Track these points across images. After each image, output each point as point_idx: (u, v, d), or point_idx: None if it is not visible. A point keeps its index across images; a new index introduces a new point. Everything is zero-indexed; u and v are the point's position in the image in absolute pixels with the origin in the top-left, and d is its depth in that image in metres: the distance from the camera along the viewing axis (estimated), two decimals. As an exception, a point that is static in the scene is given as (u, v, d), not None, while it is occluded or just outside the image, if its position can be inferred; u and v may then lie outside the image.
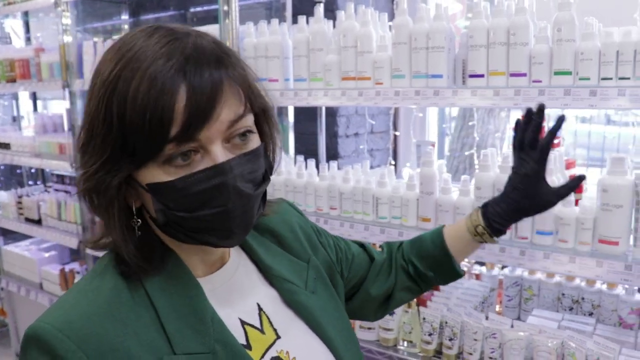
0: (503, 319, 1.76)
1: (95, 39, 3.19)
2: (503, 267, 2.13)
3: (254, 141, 0.77)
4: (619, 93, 1.37)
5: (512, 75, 1.56)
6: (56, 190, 3.47)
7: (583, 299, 1.92)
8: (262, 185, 0.79)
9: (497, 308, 2.12)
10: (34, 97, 4.25)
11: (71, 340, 0.68)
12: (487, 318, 1.78)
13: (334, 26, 1.99)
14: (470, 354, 1.77)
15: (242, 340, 0.81)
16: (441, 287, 2.07)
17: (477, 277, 2.19)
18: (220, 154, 0.71)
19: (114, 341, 0.69)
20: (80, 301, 0.73)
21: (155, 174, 0.71)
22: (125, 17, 3.45)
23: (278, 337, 0.86)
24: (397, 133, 2.98)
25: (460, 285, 2.05)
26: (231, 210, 0.73)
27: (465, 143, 2.91)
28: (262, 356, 0.82)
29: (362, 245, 1.20)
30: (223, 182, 0.71)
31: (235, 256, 0.90)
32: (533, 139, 1.10)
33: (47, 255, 3.52)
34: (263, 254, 0.93)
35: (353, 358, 0.94)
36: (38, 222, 3.42)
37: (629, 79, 1.41)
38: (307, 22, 2.03)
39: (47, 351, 0.68)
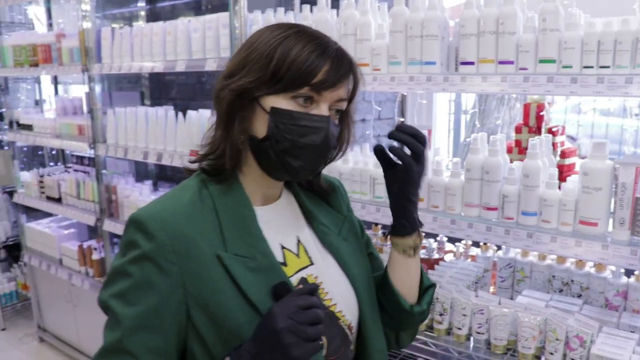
0: (491, 297, 1.85)
1: (114, 25, 3.32)
2: (498, 249, 2.21)
3: (338, 122, 1.06)
4: (598, 80, 1.43)
5: (501, 62, 1.63)
6: (75, 170, 3.62)
7: (572, 281, 1.99)
8: (333, 153, 1.06)
9: (492, 289, 2.20)
10: (56, 81, 4.41)
11: (157, 224, 0.95)
12: (476, 296, 1.86)
13: (338, 15, 2.07)
14: (459, 328, 1.86)
15: (280, 258, 1.03)
16: (436, 266, 2.16)
17: (472, 258, 2.27)
18: (326, 110, 1.00)
19: (185, 230, 0.96)
20: (167, 202, 1.01)
21: (281, 103, 0.98)
22: (142, 4, 3.56)
23: (311, 263, 1.08)
24: (402, 119, 3.05)
25: (454, 265, 2.14)
26: (317, 147, 0.99)
27: (485, 131, 2.96)
28: (294, 274, 1.04)
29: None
30: (322, 127, 0.99)
31: (285, 198, 1.13)
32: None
33: (66, 232, 3.68)
34: (308, 201, 1.16)
35: (371, 299, 1.14)
36: (58, 200, 3.58)
37: (608, 67, 1.47)
38: (312, 10, 2.12)
39: (140, 229, 0.95)
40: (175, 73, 3.37)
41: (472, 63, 1.69)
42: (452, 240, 2.38)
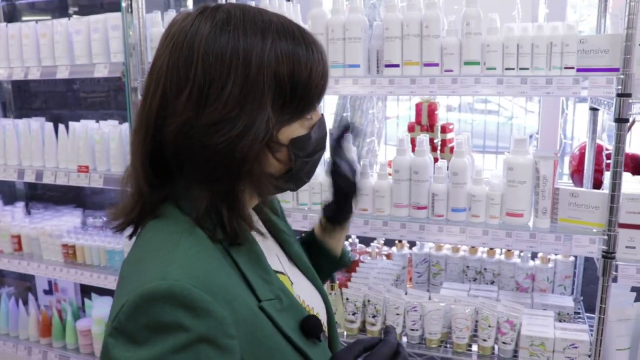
0: (421, 293, 1.90)
1: None
2: (411, 246, 2.28)
3: None
4: (522, 81, 1.54)
5: (426, 65, 1.68)
6: None
7: (485, 269, 2.12)
8: None
9: (408, 285, 2.26)
10: None
11: (203, 291, 0.71)
12: (406, 293, 1.90)
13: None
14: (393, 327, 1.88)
15: None
16: (357, 268, 2.17)
17: (388, 256, 2.32)
18: (319, 110, 0.90)
19: (233, 291, 0.75)
20: (190, 258, 0.75)
21: (296, 130, 0.85)
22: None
23: (292, 282, 0.97)
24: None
25: (375, 266, 2.17)
26: (324, 150, 0.92)
27: (362, 131, 3.04)
28: None
29: None
30: (326, 131, 0.93)
31: (252, 215, 0.97)
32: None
33: None
34: (266, 210, 1.03)
35: (328, 299, 1.08)
36: None
37: (527, 69, 1.58)
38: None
39: (183, 305, 0.69)
40: (43, 81, 3.01)
41: (397, 65, 1.71)
42: (363, 240, 2.41)
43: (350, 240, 2.41)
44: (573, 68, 1.54)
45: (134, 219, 0.86)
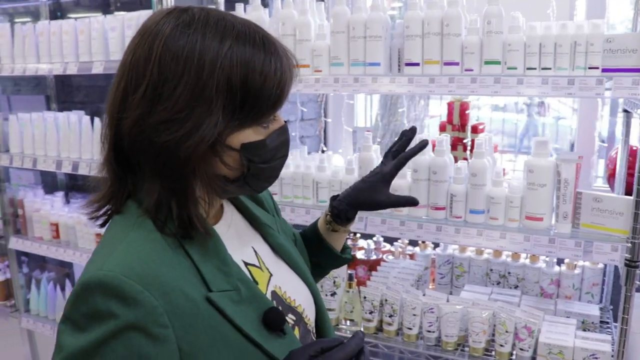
0: (439, 295, 1.88)
1: (16, 21, 3.01)
2: (435, 247, 2.25)
3: None
4: (543, 82, 1.49)
5: (446, 64, 1.65)
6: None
7: (509, 273, 2.07)
8: None
9: (431, 286, 2.24)
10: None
11: (137, 282, 0.74)
12: (424, 294, 1.88)
13: (270, 14, 2.00)
14: (410, 328, 1.87)
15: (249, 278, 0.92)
16: (378, 267, 2.16)
17: (412, 257, 2.30)
18: (281, 117, 0.92)
19: (172, 283, 0.78)
20: (130, 250, 0.79)
21: (249, 135, 0.85)
22: (43, -1, 3.27)
23: (271, 274, 0.99)
24: (328, 120, 3.03)
25: (396, 265, 2.15)
26: (286, 157, 0.94)
27: (390, 130, 3.02)
28: (266, 291, 0.95)
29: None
30: (287, 138, 0.92)
31: (227, 208, 1.01)
32: (396, 151, 1.29)
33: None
34: (248, 204, 1.06)
35: (319, 294, 1.11)
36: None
37: (550, 69, 1.54)
38: (245, 10, 2.03)
39: (115, 294, 0.73)
40: (84, 75, 3.13)
41: (417, 64, 1.69)
42: (388, 239, 2.40)
43: (374, 238, 2.40)
44: (598, 68, 1.49)
45: (103, 208, 0.90)
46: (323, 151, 3.04)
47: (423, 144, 1.30)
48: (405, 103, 2.74)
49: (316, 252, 1.28)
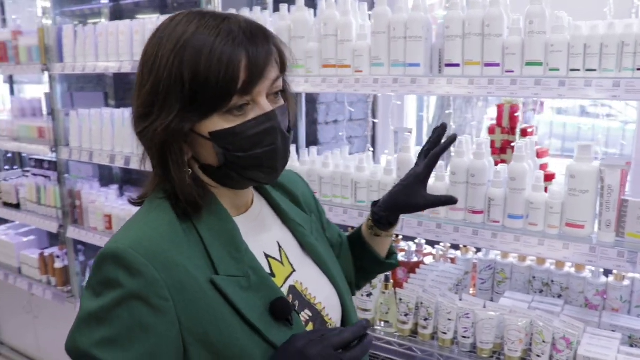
0: (476, 300, 1.84)
1: (75, 23, 3.17)
2: (477, 251, 2.21)
3: (282, 100, 0.96)
4: (586, 84, 1.44)
5: (487, 65, 1.62)
6: (34, 174, 3.45)
7: (552, 281, 2.00)
8: (291, 134, 0.97)
9: (471, 291, 2.19)
10: (11, 81, 4.20)
11: (142, 256, 0.82)
12: (460, 299, 1.85)
13: (315, 14, 2.02)
14: (445, 333, 1.84)
15: (267, 269, 0.97)
16: (417, 270, 2.14)
17: (452, 260, 2.26)
18: (266, 104, 0.89)
19: (176, 260, 0.85)
20: (145, 228, 0.88)
21: (217, 123, 0.87)
22: (105, 1, 3.42)
23: (294, 270, 1.02)
24: (376, 120, 3.03)
25: (435, 269, 2.12)
26: (278, 149, 0.91)
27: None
28: (283, 284, 0.98)
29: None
30: (272, 126, 0.90)
31: (258, 202, 1.06)
32: (428, 149, 1.28)
33: (25, 239, 3.50)
34: (280, 201, 1.10)
35: (349, 296, 1.12)
36: (17, 206, 3.41)
37: (595, 70, 1.48)
38: (289, 10, 2.07)
39: (122, 265, 0.82)
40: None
41: (457, 65, 1.67)
42: (430, 242, 2.37)
43: (416, 241, 2.38)
44: (647, 70, 1.42)
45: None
46: (370, 151, 3.04)
47: (452, 139, 1.28)
48: (452, 105, 2.69)
49: (360, 256, 1.29)
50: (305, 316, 0.99)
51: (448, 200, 1.27)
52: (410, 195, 1.24)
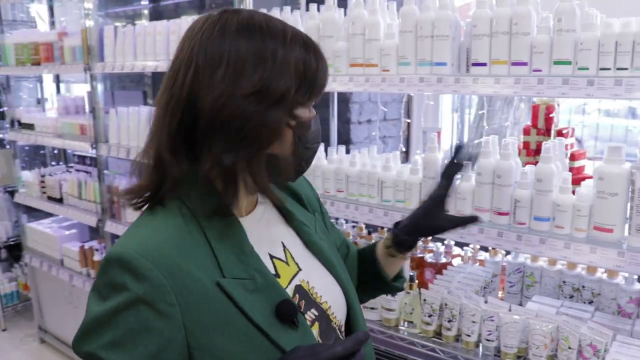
0: (501, 303, 1.81)
1: (117, 24, 3.28)
2: (507, 254, 2.16)
3: None
4: (616, 83, 1.39)
5: (514, 64, 1.59)
6: (77, 170, 3.58)
7: (583, 287, 1.94)
8: None
9: (500, 294, 2.16)
10: (57, 80, 4.37)
11: (148, 260, 0.83)
12: (486, 302, 1.82)
13: (345, 14, 2.03)
14: (469, 335, 1.82)
15: (272, 270, 0.96)
16: (444, 271, 2.12)
17: (481, 263, 2.23)
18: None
19: (182, 264, 0.85)
20: (151, 232, 0.88)
21: (305, 113, 0.93)
22: (145, 2, 3.53)
23: (300, 269, 1.03)
24: (409, 120, 3.01)
25: (462, 270, 2.10)
26: (319, 146, 1.01)
27: (479, 133, 2.93)
28: (288, 284, 0.98)
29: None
30: (319, 127, 0.99)
31: (262, 200, 1.06)
32: (445, 170, 1.28)
33: (67, 233, 3.64)
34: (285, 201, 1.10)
35: (355, 295, 1.13)
36: (60, 200, 3.54)
37: (626, 69, 1.43)
38: (319, 9, 2.08)
39: (129, 269, 0.82)
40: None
41: (484, 64, 1.64)
42: (459, 244, 2.34)
43: (445, 241, 2.35)
44: (681, 69, 1.37)
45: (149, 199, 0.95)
46: (403, 151, 3.02)
47: (457, 149, 1.28)
48: (485, 105, 2.65)
49: (367, 273, 1.28)
50: (311, 316, 0.99)
51: (471, 220, 1.27)
52: (431, 219, 1.25)
